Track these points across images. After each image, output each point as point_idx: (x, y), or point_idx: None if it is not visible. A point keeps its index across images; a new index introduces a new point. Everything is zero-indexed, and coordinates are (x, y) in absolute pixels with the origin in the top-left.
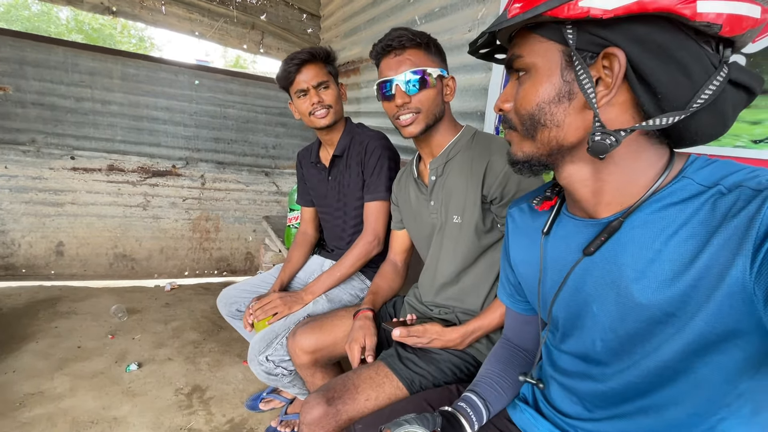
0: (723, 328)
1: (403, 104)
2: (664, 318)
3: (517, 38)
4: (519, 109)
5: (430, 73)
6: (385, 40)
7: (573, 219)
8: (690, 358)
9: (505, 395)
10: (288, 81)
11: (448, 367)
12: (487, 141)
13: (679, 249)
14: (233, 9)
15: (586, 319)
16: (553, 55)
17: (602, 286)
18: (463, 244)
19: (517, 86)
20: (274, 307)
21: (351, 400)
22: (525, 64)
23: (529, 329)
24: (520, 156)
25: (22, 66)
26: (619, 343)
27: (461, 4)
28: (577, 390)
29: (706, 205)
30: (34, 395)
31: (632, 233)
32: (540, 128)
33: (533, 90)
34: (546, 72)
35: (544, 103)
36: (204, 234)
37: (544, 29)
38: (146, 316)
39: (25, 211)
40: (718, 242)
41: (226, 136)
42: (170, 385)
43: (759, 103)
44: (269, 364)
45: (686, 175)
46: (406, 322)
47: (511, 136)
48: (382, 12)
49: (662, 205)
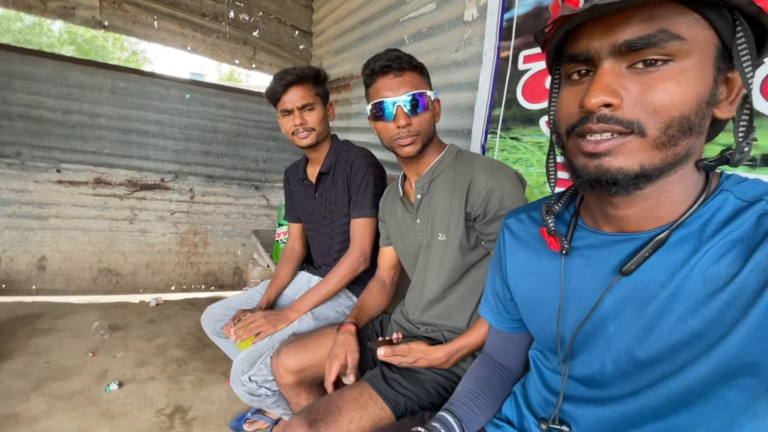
0: (759, 347)
1: (405, 125)
2: (692, 340)
3: (654, 11)
4: (666, 111)
5: (428, 96)
6: (383, 60)
7: (598, 234)
8: (717, 381)
9: (482, 415)
10: (275, 99)
11: (434, 387)
12: (470, 159)
13: (716, 266)
14: (226, 25)
15: (599, 340)
16: (710, 48)
17: (625, 305)
18: (449, 261)
19: (639, 78)
20: (258, 326)
21: (334, 423)
22: (677, 51)
23: (512, 347)
24: (636, 169)
25: (10, 79)
26: (634, 366)
27: (448, 25)
28: (574, 415)
29: (748, 222)
30: (8, 417)
31: (667, 250)
32: (686, 137)
33: (694, 86)
34: (703, 65)
35: (703, 105)
36: (192, 248)
37: (711, 11)
38: (129, 333)
39: (7, 224)
40: (759, 259)
41: (216, 150)
42: (151, 406)
43: None
44: (252, 384)
45: (725, 188)
46: (392, 340)
47: (627, 144)
48: (373, 31)
49: (703, 221)
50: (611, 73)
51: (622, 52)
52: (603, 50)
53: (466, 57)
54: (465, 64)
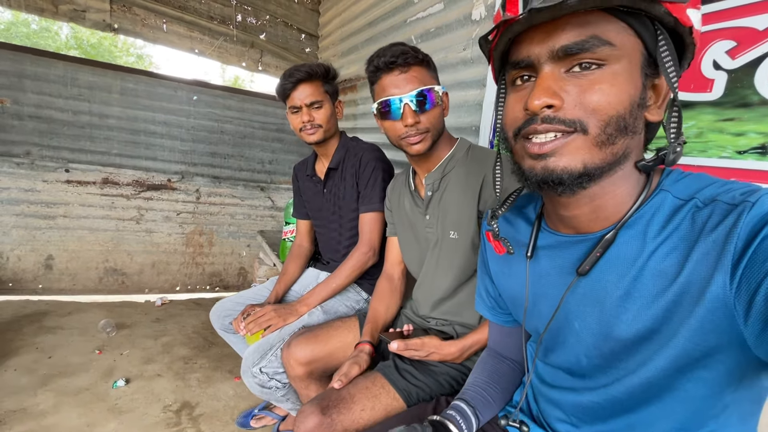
0: (706, 343)
1: (414, 124)
2: (649, 334)
3: (585, 19)
4: (603, 110)
5: (436, 91)
6: (388, 56)
7: (557, 235)
8: (674, 375)
9: (494, 403)
10: (284, 96)
11: (446, 380)
12: (482, 155)
13: (662, 264)
14: (233, 28)
15: (569, 336)
16: (636, 54)
17: (585, 303)
18: (460, 259)
19: (577, 81)
20: (268, 319)
21: (346, 410)
22: (608, 56)
23: (513, 341)
24: (579, 168)
25: (21, 79)
26: (604, 360)
27: (456, 24)
28: (561, 403)
29: (685, 220)
30: (16, 412)
31: (617, 250)
32: (622, 136)
33: (626, 88)
34: (632, 69)
35: (635, 106)
36: (197, 248)
37: (635, 20)
38: (135, 332)
39: (16, 223)
40: (697, 257)
41: (222, 151)
42: (158, 402)
43: (742, 116)
44: (263, 376)
45: (664, 188)
46: (403, 333)
47: (570, 143)
48: (380, 32)
49: (645, 221)
50: (551, 76)
51: (559, 57)
52: (543, 55)
53: (474, 55)
54: (473, 62)
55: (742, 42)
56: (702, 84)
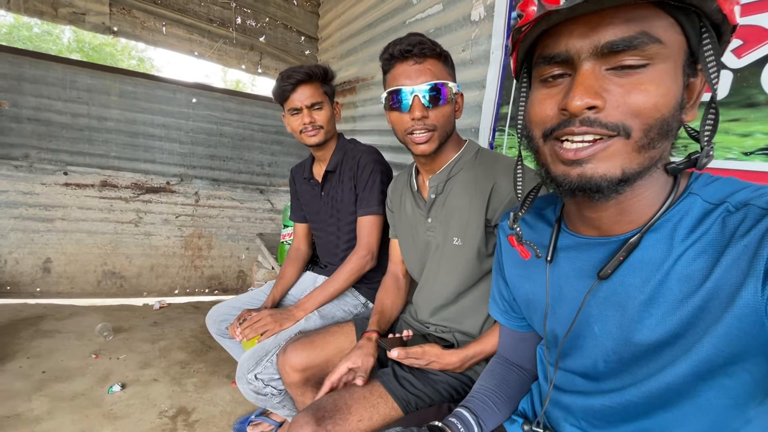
0: (731, 350)
1: (421, 117)
2: (672, 340)
3: (634, 12)
4: (648, 112)
5: (450, 87)
6: (404, 45)
7: (578, 237)
8: (695, 381)
9: (500, 412)
10: (283, 98)
11: (445, 389)
12: (491, 160)
13: (689, 269)
14: (233, 30)
15: (587, 339)
16: (681, 53)
17: (606, 307)
18: (464, 267)
19: (620, 80)
20: (264, 324)
21: (342, 421)
22: (655, 54)
23: (525, 346)
24: (618, 174)
25: (20, 82)
26: (623, 365)
27: (455, 25)
28: (572, 407)
29: (715, 224)
30: (10, 418)
31: (642, 254)
32: (663, 140)
33: (671, 89)
34: (677, 69)
35: (677, 108)
36: (196, 251)
37: (684, 15)
38: (133, 335)
39: (14, 226)
40: (728, 262)
41: (221, 154)
42: (154, 408)
43: (749, 116)
44: (258, 383)
45: (693, 191)
46: (402, 338)
47: (610, 147)
48: (378, 34)
49: (672, 225)
50: (593, 74)
51: (603, 53)
52: (584, 51)
53: (474, 56)
54: (472, 63)
55: (749, 40)
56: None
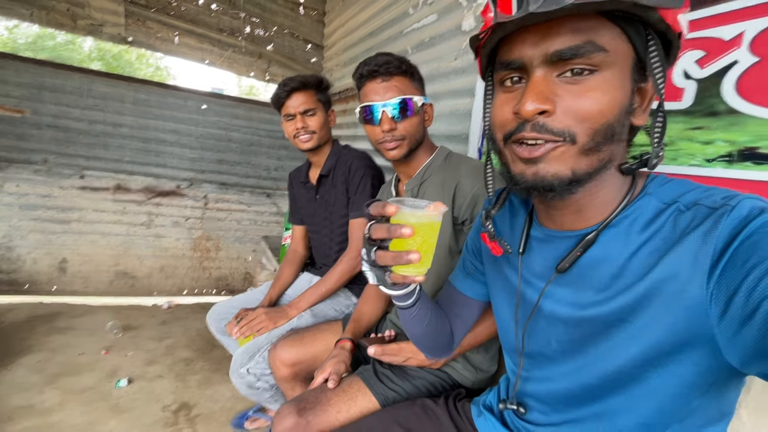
0: (677, 338)
1: (390, 130)
2: (617, 322)
3: (581, 23)
4: (594, 118)
5: (415, 101)
6: (371, 65)
7: (545, 230)
8: (644, 366)
9: (432, 314)
10: (279, 104)
11: (423, 384)
12: (457, 163)
13: (641, 262)
14: (242, 39)
15: (540, 321)
16: (628, 60)
17: (563, 291)
18: (438, 264)
19: (569, 86)
20: (258, 322)
21: (322, 412)
22: (601, 62)
23: (465, 312)
24: (569, 174)
25: (40, 91)
26: (573, 344)
27: (448, 35)
28: (534, 391)
29: (668, 222)
30: (24, 408)
31: (599, 248)
32: (609, 143)
33: (616, 95)
34: (623, 75)
35: (623, 113)
36: (204, 253)
37: (629, 24)
38: (141, 333)
39: (33, 228)
40: (676, 256)
41: (230, 158)
42: (158, 402)
43: (711, 125)
44: (250, 377)
45: (649, 192)
46: (384, 338)
47: (558, 151)
48: (379, 43)
49: (629, 222)
50: (544, 80)
51: (552, 61)
52: (535, 58)
53: (464, 65)
54: (463, 72)
55: (711, 52)
56: (673, 93)
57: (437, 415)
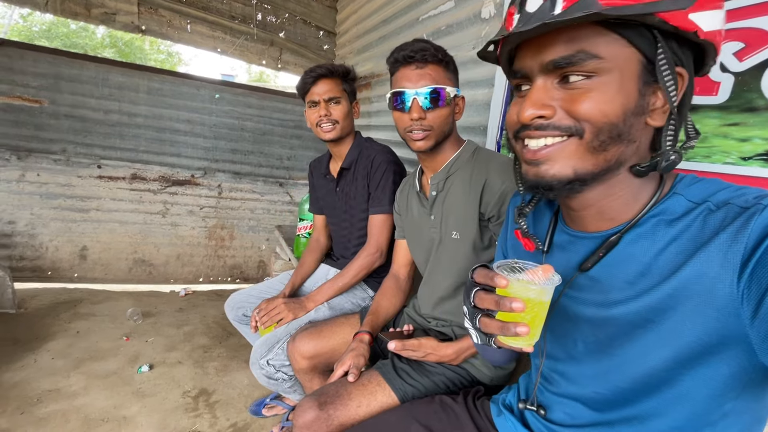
0: (709, 339)
1: (419, 118)
2: (644, 323)
3: (574, 33)
4: (594, 118)
5: (448, 92)
6: (408, 50)
7: (569, 230)
8: (676, 368)
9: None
10: (304, 91)
11: (442, 380)
12: (486, 159)
13: (668, 261)
14: (254, 27)
15: (566, 323)
16: (633, 64)
17: (587, 292)
18: (461, 259)
19: (568, 92)
20: (278, 312)
21: (342, 406)
22: (596, 68)
23: None
24: (570, 174)
25: (57, 81)
26: (599, 346)
27: (466, 23)
28: (559, 392)
29: (696, 222)
30: (51, 392)
31: (625, 249)
32: (616, 143)
33: (617, 98)
34: (624, 79)
35: (629, 114)
36: (219, 242)
37: (629, 31)
38: (160, 320)
39: (54, 216)
40: (705, 255)
41: (243, 148)
42: (179, 388)
43: (747, 121)
44: (270, 368)
45: (677, 192)
46: (403, 332)
47: (565, 148)
48: (393, 30)
49: (656, 222)
50: (543, 88)
51: (550, 69)
52: (534, 68)
53: None
54: (482, 62)
55: (751, 44)
56: (708, 87)
57: (456, 412)
